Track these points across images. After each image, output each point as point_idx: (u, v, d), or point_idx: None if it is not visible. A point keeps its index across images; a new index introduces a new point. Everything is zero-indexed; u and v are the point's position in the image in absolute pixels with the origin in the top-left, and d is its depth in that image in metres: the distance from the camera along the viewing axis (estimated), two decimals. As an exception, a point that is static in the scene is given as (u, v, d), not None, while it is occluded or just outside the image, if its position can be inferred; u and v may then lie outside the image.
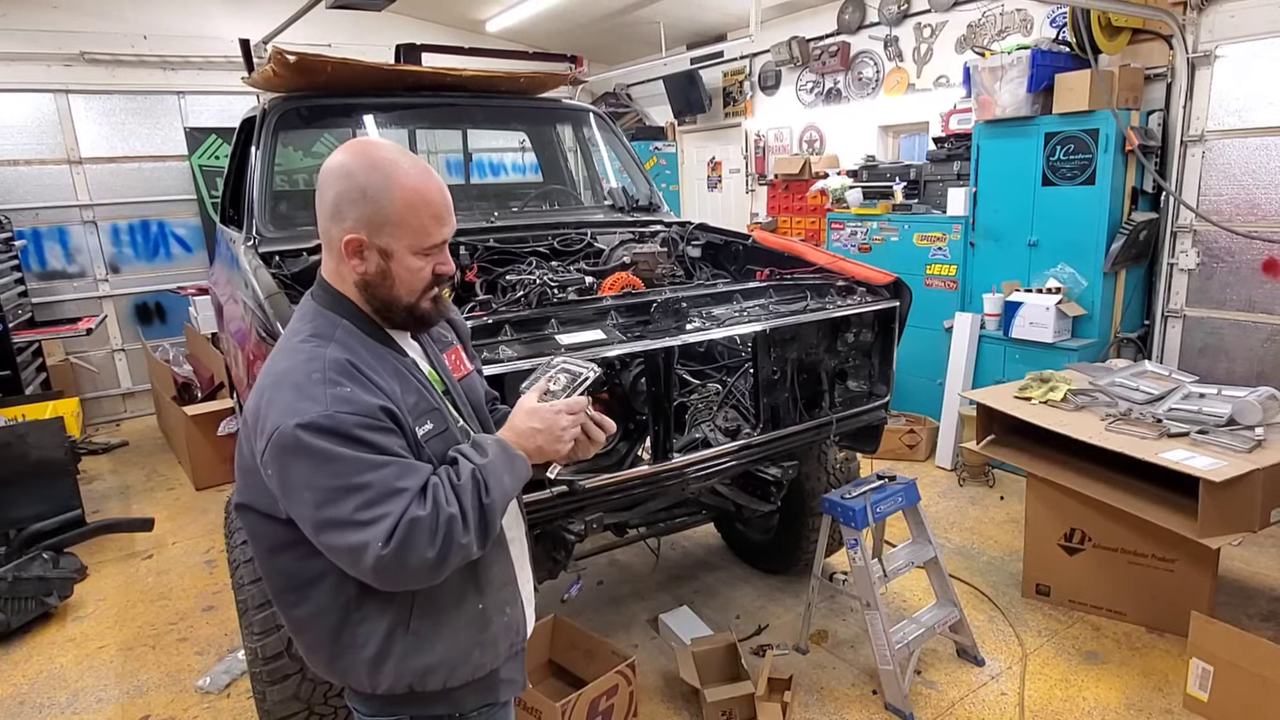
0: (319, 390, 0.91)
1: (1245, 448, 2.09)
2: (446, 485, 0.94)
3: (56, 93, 4.90)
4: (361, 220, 0.96)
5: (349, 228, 0.96)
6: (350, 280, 1.01)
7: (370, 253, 0.98)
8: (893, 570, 2.24)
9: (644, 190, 3.05)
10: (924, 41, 4.51)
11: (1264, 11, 3.13)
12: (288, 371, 0.94)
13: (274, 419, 0.91)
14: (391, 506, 0.89)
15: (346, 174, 0.97)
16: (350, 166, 0.97)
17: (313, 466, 0.90)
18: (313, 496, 0.90)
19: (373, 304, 1.02)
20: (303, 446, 0.89)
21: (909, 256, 4.09)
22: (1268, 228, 3.23)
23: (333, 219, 0.98)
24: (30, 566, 2.75)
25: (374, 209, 0.96)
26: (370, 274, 0.99)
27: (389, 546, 0.88)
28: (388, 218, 0.96)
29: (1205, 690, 2.05)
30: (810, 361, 2.21)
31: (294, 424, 0.89)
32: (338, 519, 0.90)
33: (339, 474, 0.89)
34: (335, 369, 0.94)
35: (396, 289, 1.00)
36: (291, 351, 0.97)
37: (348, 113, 2.87)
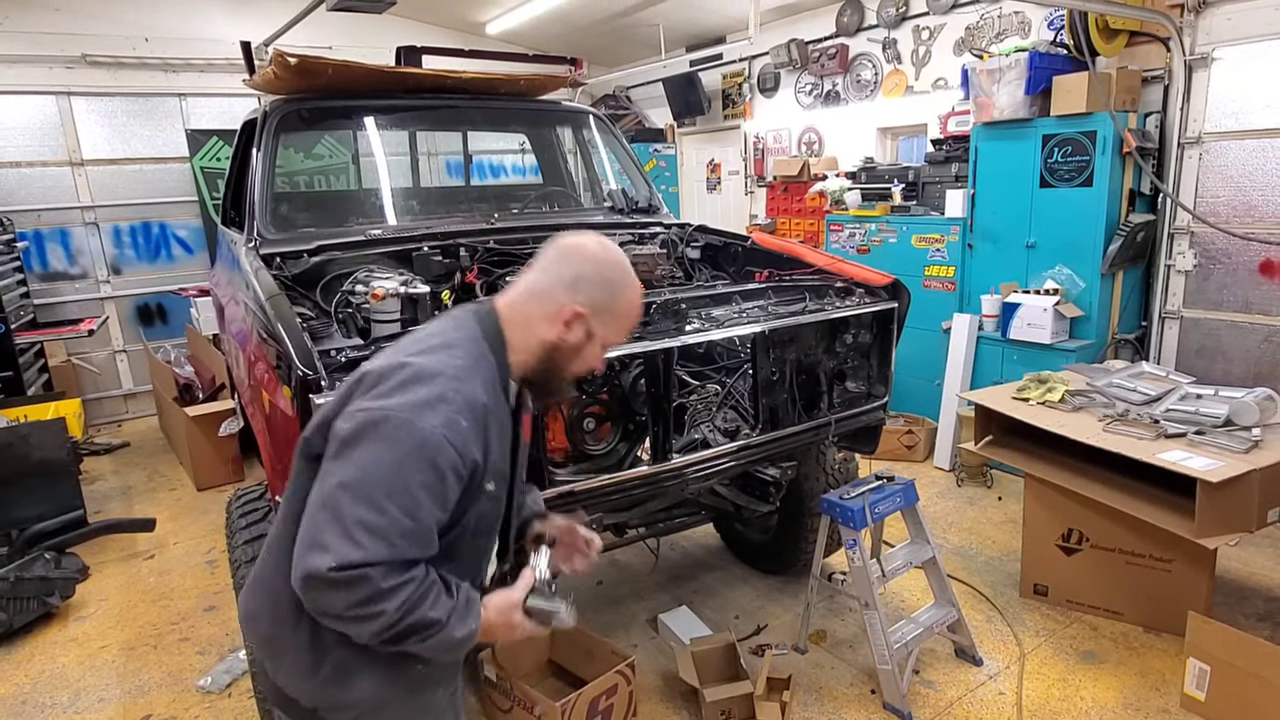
0: (445, 411, 0.95)
1: (1242, 448, 2.10)
2: (417, 595, 0.94)
3: (58, 95, 4.92)
4: (591, 301, 1.07)
5: (580, 302, 1.07)
6: (540, 335, 1.07)
7: (580, 328, 1.08)
8: (891, 570, 2.25)
9: (643, 192, 3.06)
10: (922, 44, 4.52)
11: (1261, 14, 3.14)
12: (435, 373, 0.98)
13: (394, 401, 0.94)
14: (373, 549, 0.90)
15: (596, 261, 1.09)
16: (602, 256, 1.10)
17: (379, 457, 0.92)
18: (353, 475, 0.92)
19: (543, 364, 1.09)
20: (393, 439, 0.92)
21: (907, 258, 4.10)
22: (1264, 229, 3.24)
23: (569, 289, 1.07)
24: (32, 567, 2.75)
25: (606, 298, 1.09)
26: (567, 344, 1.08)
27: (337, 574, 0.89)
28: (611, 310, 1.09)
29: (1202, 690, 2.05)
30: (809, 362, 2.22)
31: (403, 417, 0.93)
32: (340, 510, 0.91)
33: (384, 482, 0.91)
34: (470, 403, 0.98)
35: (575, 364, 1.11)
36: (447, 358, 1.01)
37: (348, 115, 2.88)
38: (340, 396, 1.03)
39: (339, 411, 1.00)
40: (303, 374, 1.44)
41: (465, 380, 0.99)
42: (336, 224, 2.63)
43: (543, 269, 1.09)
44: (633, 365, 1.92)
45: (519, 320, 1.08)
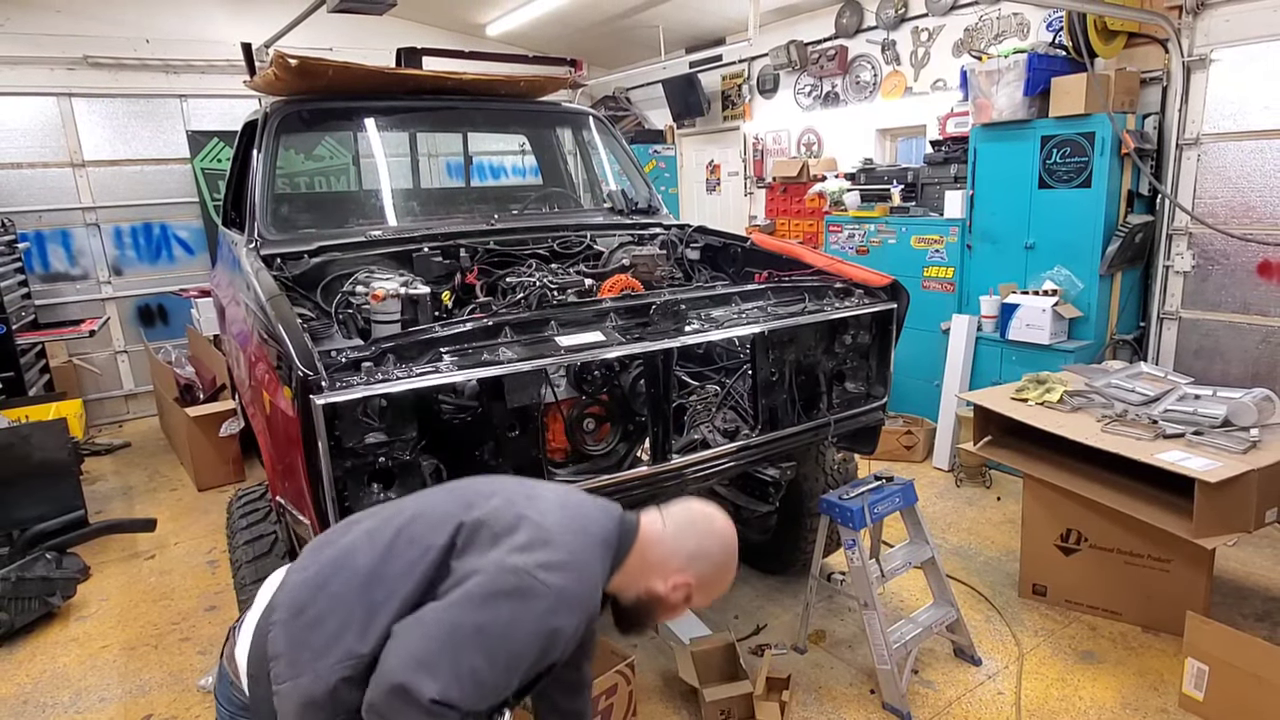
0: (579, 610, 1.04)
1: (1240, 449, 2.11)
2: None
3: (59, 96, 4.93)
4: (702, 576, 1.18)
5: (691, 573, 1.17)
6: (650, 585, 1.17)
7: (681, 591, 1.18)
8: (890, 570, 2.25)
9: (643, 193, 3.07)
10: (921, 45, 4.53)
11: (1259, 16, 3.15)
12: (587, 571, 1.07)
13: (554, 581, 1.00)
14: (472, 699, 0.95)
15: (722, 546, 1.21)
16: (724, 542, 1.21)
17: (519, 626, 0.97)
18: (486, 622, 0.96)
19: (639, 605, 1.19)
20: (537, 616, 0.98)
21: (906, 259, 4.11)
22: (1262, 230, 3.25)
23: (688, 559, 1.18)
24: (34, 567, 2.76)
25: (713, 577, 1.21)
26: (667, 600, 1.18)
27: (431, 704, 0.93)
28: (710, 589, 1.21)
29: (1201, 689, 2.06)
30: (808, 363, 2.22)
31: (552, 604, 0.99)
32: (457, 648, 0.95)
33: (511, 651, 0.97)
34: (590, 612, 1.09)
35: (659, 616, 1.22)
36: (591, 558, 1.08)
37: (349, 116, 2.89)
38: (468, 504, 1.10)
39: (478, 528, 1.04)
40: (303, 374, 1.44)
41: (597, 589, 1.10)
42: (337, 225, 2.64)
43: (676, 531, 1.19)
44: (632, 366, 1.92)
45: (642, 558, 1.17)
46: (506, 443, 1.72)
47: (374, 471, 1.59)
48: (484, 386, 1.65)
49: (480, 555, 1.02)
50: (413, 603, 1.02)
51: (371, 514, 1.19)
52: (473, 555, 1.03)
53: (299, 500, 1.60)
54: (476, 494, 1.15)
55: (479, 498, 1.13)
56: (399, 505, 1.19)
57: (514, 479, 1.23)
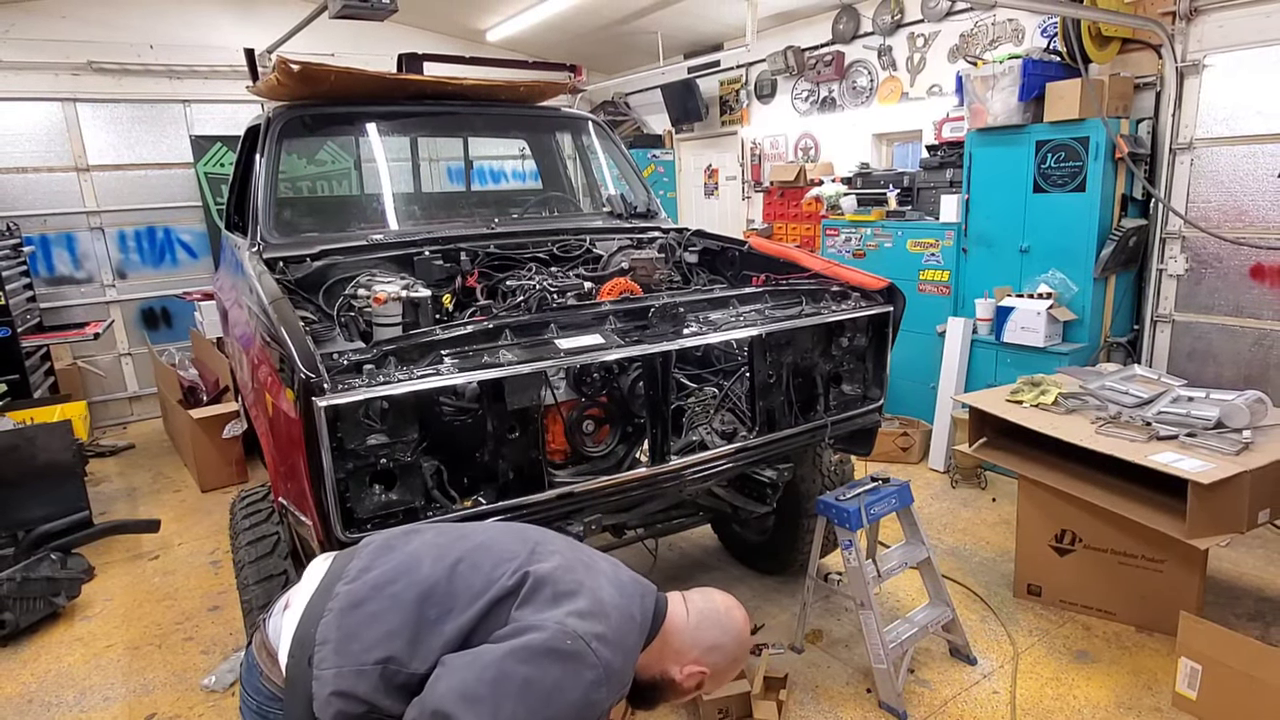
0: (616, 685, 1.05)
1: (1233, 450, 2.12)
2: None
3: (64, 101, 4.96)
4: (716, 667, 1.21)
5: (707, 664, 1.20)
6: (666, 669, 1.19)
7: (695, 679, 1.21)
8: (886, 571, 2.27)
9: (642, 197, 3.09)
10: (917, 51, 4.57)
11: (1252, 22, 3.17)
12: (628, 645, 1.08)
13: (604, 654, 1.01)
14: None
15: (738, 641, 1.24)
16: (742, 638, 1.25)
17: (564, 690, 0.98)
18: (539, 683, 0.97)
19: (654, 684, 1.21)
20: (583, 684, 0.99)
21: (902, 262, 4.13)
22: (1255, 234, 3.27)
23: (706, 651, 1.20)
24: (38, 567, 2.78)
25: (726, 669, 1.24)
26: (681, 686, 1.20)
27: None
28: (719, 679, 1.24)
29: (1194, 689, 2.07)
30: (805, 365, 2.24)
31: (598, 675, 0.99)
32: (508, 694, 0.95)
33: (551, 711, 0.97)
34: (623, 688, 1.10)
35: (674, 698, 1.24)
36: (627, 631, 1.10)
37: (351, 121, 2.92)
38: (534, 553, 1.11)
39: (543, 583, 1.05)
40: (306, 377, 1.46)
41: (632, 669, 1.11)
42: (339, 229, 2.65)
43: (699, 622, 1.21)
44: (631, 368, 1.94)
45: (662, 644, 1.19)
46: (507, 444, 1.73)
47: (376, 473, 1.60)
48: (484, 389, 1.67)
49: (541, 611, 1.03)
50: (465, 630, 1.04)
51: (435, 528, 1.21)
52: (534, 608, 1.04)
53: (301, 501, 1.62)
54: (540, 544, 1.16)
55: (543, 549, 1.14)
56: (464, 528, 1.22)
57: (568, 540, 1.25)
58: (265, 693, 1.12)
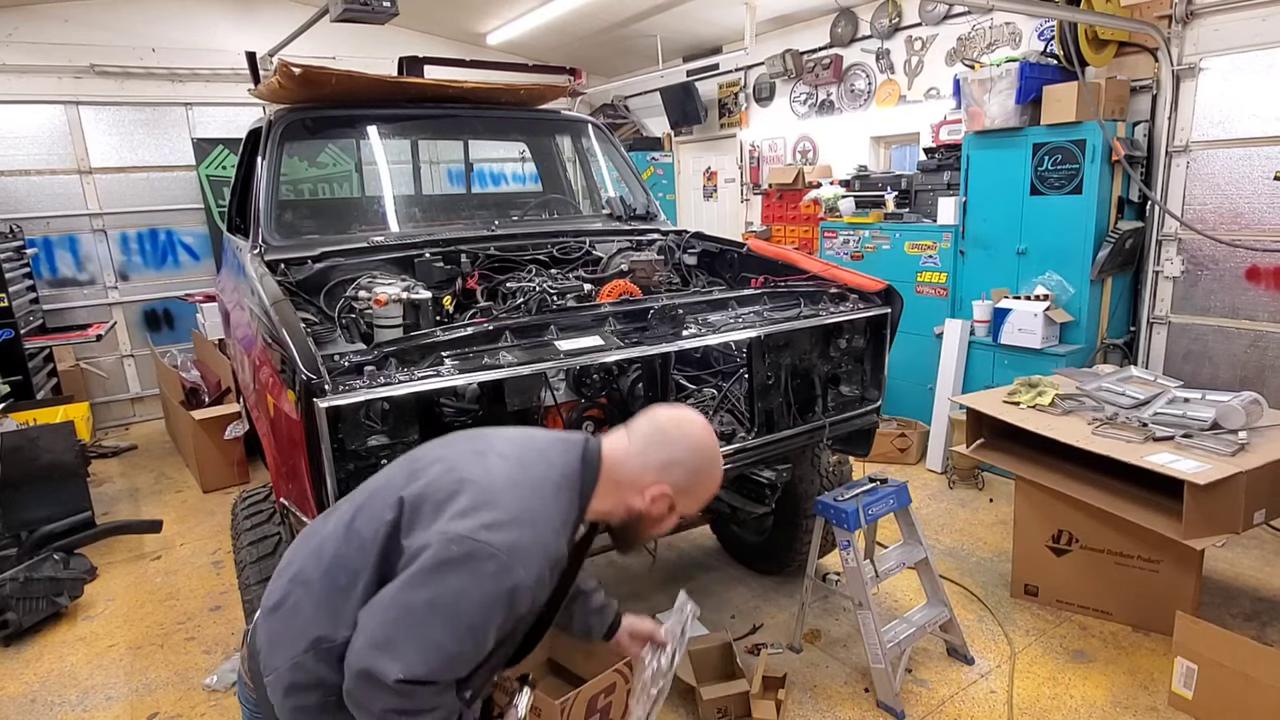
0: (537, 563, 1.01)
1: (1228, 451, 2.13)
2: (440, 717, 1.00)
3: (67, 104, 4.98)
4: (679, 485, 1.15)
5: (668, 482, 1.14)
6: (628, 500, 1.15)
7: (664, 504, 1.16)
8: (884, 571, 2.28)
9: (641, 199, 3.10)
10: (915, 54, 4.58)
11: (1247, 25, 3.19)
12: (535, 520, 1.03)
13: (499, 539, 0.98)
14: (438, 671, 0.96)
15: (694, 449, 1.16)
16: (699, 445, 1.17)
17: (472, 591, 0.96)
18: (440, 595, 0.96)
19: (627, 525, 1.18)
20: (489, 577, 0.96)
21: (900, 264, 4.15)
22: (1250, 236, 3.29)
23: (661, 468, 1.15)
24: (41, 567, 2.79)
25: (692, 484, 1.16)
26: (651, 515, 1.16)
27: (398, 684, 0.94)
28: (694, 492, 1.18)
29: (1190, 688, 2.08)
30: (804, 367, 2.25)
31: (504, 561, 0.97)
32: (417, 624, 0.95)
33: (470, 617, 0.96)
34: (554, 559, 1.06)
35: (650, 529, 1.20)
36: (542, 505, 1.06)
37: (352, 124, 2.93)
38: (412, 474, 1.08)
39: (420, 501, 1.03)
40: (307, 378, 1.47)
41: (558, 534, 1.06)
42: (340, 231, 2.67)
43: (643, 446, 1.16)
44: (631, 369, 1.96)
45: (613, 481, 1.15)
46: None
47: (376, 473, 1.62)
48: (485, 390, 1.69)
49: (425, 529, 1.00)
50: (373, 582, 1.03)
51: (348, 497, 1.18)
52: (419, 530, 1.01)
53: (303, 502, 1.63)
54: (421, 461, 1.13)
55: (423, 465, 1.11)
56: (363, 484, 1.18)
57: (468, 435, 1.18)
58: (251, 701, 1.14)
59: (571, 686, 2.06)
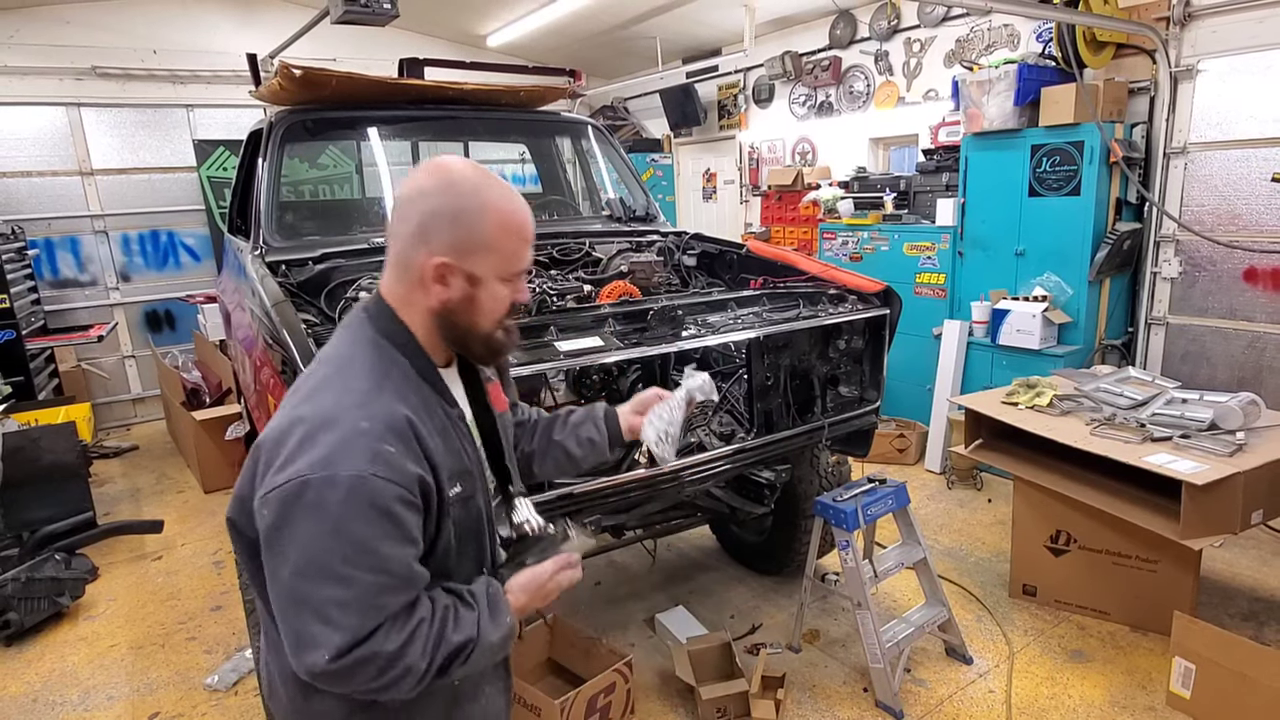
0: (363, 445, 0.83)
1: (1226, 451, 2.14)
2: (434, 631, 0.87)
3: (68, 106, 5.00)
4: (451, 245, 0.90)
5: (436, 251, 0.90)
6: (423, 306, 0.93)
7: (456, 279, 0.91)
8: (883, 571, 2.28)
9: (641, 201, 3.11)
10: (913, 56, 4.60)
11: (1245, 27, 3.20)
12: (334, 414, 0.85)
13: (303, 462, 0.82)
14: (359, 621, 0.82)
15: (437, 193, 0.90)
16: (439, 187, 0.91)
17: (316, 532, 0.81)
18: (298, 561, 0.82)
19: (446, 333, 0.95)
20: (320, 505, 0.81)
21: (899, 265, 4.16)
22: (1248, 237, 3.30)
23: (416, 242, 0.91)
24: (43, 567, 2.80)
25: (466, 234, 0.90)
26: (454, 302, 0.93)
27: (337, 663, 0.81)
28: (479, 243, 0.91)
29: (1187, 688, 2.09)
30: (803, 368, 2.26)
31: (320, 476, 0.81)
32: (308, 599, 0.82)
33: (334, 553, 0.81)
34: (388, 424, 0.85)
35: (478, 317, 0.94)
36: (343, 389, 0.88)
37: (353, 125, 2.93)
38: (248, 472, 0.91)
39: (253, 490, 0.88)
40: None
41: (372, 402, 0.86)
42: (340, 232, 2.67)
43: (393, 224, 0.93)
44: (630, 370, 1.97)
45: (400, 300, 0.94)
46: None
47: None
48: None
49: (264, 491, 0.85)
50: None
51: None
52: (261, 491, 0.86)
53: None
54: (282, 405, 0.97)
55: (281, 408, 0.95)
56: None
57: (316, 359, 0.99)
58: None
59: (571, 687, 2.07)
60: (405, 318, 0.95)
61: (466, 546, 0.97)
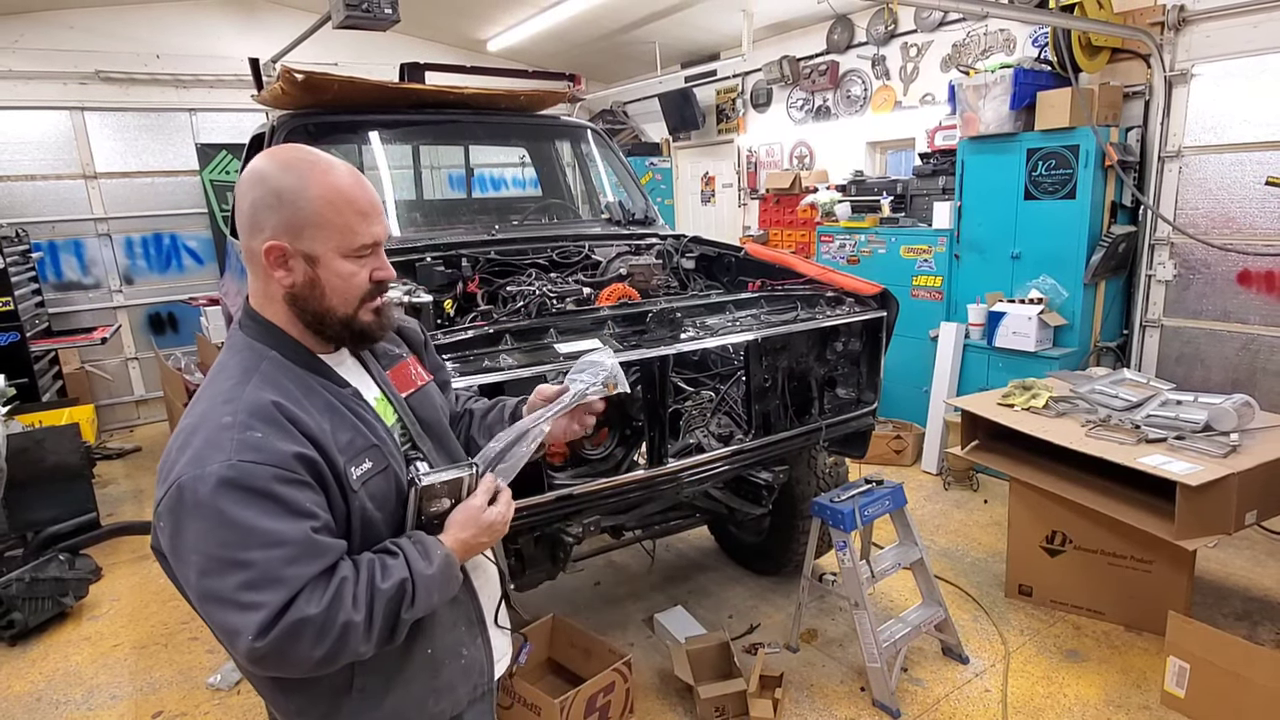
0: (227, 436, 0.84)
1: (1220, 453, 2.15)
2: (362, 584, 0.87)
3: (72, 110, 5.03)
4: (281, 226, 0.89)
5: (268, 236, 0.89)
6: (278, 297, 0.93)
7: (295, 260, 0.90)
8: (880, 571, 2.30)
9: (640, 204, 3.12)
10: (910, 61, 4.63)
11: (1239, 31, 3.22)
12: (203, 416, 0.88)
13: (178, 468, 0.85)
14: (270, 596, 0.82)
15: (259, 179, 0.90)
16: (263, 171, 0.90)
17: (203, 529, 0.83)
18: (198, 561, 0.83)
19: (306, 320, 0.94)
20: (198, 503, 0.82)
21: (896, 268, 4.18)
22: (1242, 240, 3.31)
23: (251, 231, 0.91)
24: (47, 568, 2.82)
25: (292, 211, 0.89)
26: (298, 285, 0.91)
27: (263, 640, 0.82)
28: (308, 219, 0.89)
29: (1182, 687, 2.10)
30: (800, 370, 2.28)
31: (190, 475, 0.83)
32: (218, 593, 0.83)
33: (226, 543, 0.82)
34: (252, 411, 0.87)
35: (329, 299, 0.93)
36: (212, 394, 0.90)
37: (354, 129, 2.94)
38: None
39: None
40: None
41: (236, 397, 0.88)
42: (343, 236, 2.70)
43: (238, 227, 0.94)
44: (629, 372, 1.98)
45: (259, 296, 0.95)
46: None
47: None
48: (485, 392, 1.69)
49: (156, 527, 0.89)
50: None
51: None
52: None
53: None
54: None
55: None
56: None
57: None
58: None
59: (571, 686, 2.08)
60: (269, 314, 0.96)
61: (393, 517, 0.98)
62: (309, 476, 0.88)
